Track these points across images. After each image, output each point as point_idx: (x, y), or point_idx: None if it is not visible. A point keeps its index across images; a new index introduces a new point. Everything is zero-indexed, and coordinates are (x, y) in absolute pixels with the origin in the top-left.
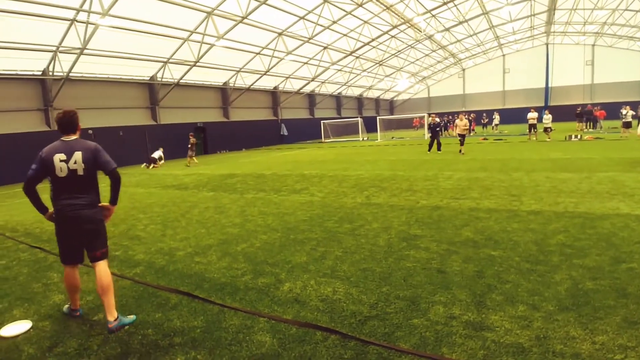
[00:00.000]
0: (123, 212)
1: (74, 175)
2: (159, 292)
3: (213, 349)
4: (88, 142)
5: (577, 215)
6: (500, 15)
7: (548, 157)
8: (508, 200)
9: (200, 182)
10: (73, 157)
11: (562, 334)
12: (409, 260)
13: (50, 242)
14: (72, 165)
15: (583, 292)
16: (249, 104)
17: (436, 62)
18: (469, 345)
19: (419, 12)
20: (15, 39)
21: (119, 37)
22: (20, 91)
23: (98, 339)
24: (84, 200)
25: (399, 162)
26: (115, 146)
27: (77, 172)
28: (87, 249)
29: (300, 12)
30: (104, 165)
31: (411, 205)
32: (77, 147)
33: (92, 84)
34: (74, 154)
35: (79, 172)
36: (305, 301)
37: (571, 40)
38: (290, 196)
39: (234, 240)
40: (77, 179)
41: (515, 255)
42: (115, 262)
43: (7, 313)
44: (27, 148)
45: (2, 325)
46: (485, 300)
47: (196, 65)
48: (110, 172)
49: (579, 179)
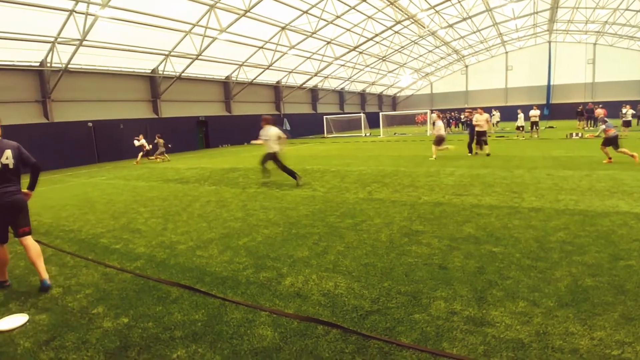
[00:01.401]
0: (124, 206)
1: (6, 169)
2: (159, 286)
3: (214, 343)
4: (11, 141)
5: (578, 212)
6: (503, 12)
7: (549, 155)
8: (509, 197)
9: (202, 176)
10: (4, 154)
11: (561, 330)
12: (410, 255)
13: (48, 235)
14: (5, 161)
15: (582, 289)
16: (252, 98)
17: (439, 58)
18: (470, 340)
19: (423, 7)
20: (12, 29)
21: (119, 28)
22: (17, 82)
23: (97, 332)
24: (15, 188)
25: (402, 158)
26: (115, 139)
27: (9, 166)
28: (18, 226)
29: (304, 6)
30: (27, 159)
31: (413, 201)
32: (6, 145)
33: (92, 76)
34: (5, 152)
35: (10, 166)
36: (307, 295)
37: (573, 38)
38: (293, 191)
39: (236, 234)
40: (9, 171)
41: (516, 252)
42: (115, 256)
43: (3, 307)
44: (24, 140)
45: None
46: (486, 296)
47: (198, 58)
48: (32, 164)
49: (580, 177)
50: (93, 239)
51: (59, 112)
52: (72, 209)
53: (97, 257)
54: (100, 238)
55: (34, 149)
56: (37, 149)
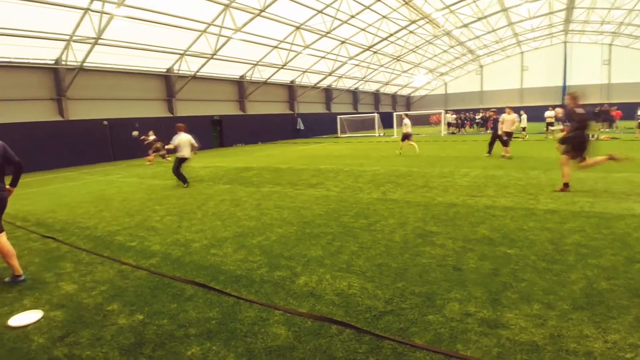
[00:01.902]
0: (139, 204)
1: None
2: (174, 283)
3: (228, 340)
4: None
5: (593, 215)
6: (519, 12)
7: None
8: (525, 199)
9: (217, 174)
10: None
11: (575, 333)
12: (424, 256)
13: (63, 232)
14: None
15: (597, 292)
16: (266, 98)
17: (454, 58)
18: (484, 342)
19: (438, 7)
20: (28, 27)
21: (135, 27)
22: (33, 80)
23: (112, 329)
24: (2, 184)
25: (415, 158)
26: (131, 137)
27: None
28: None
29: (319, 6)
30: (11, 157)
31: (427, 201)
32: None
33: (107, 75)
34: None
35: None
36: (320, 295)
37: (589, 39)
38: (306, 190)
39: (250, 233)
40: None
41: (531, 254)
42: (131, 253)
43: (17, 302)
44: (40, 137)
45: (12, 314)
46: (501, 298)
47: (213, 58)
48: (16, 162)
49: (595, 179)
50: (109, 236)
51: (74, 110)
52: (87, 206)
53: (113, 254)
54: (115, 235)
55: (50, 146)
56: (53, 146)
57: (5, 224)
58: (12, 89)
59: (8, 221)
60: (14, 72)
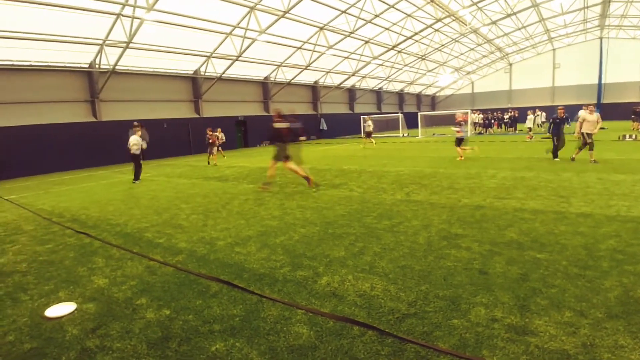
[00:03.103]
0: (167, 202)
1: None
2: (200, 280)
3: (251, 338)
4: None
5: (630, 219)
6: (551, 7)
7: (600, 158)
8: (556, 202)
9: (241, 174)
10: None
11: (610, 343)
12: (449, 259)
13: (95, 228)
14: None
15: (634, 300)
16: (289, 98)
17: (481, 56)
18: (511, 349)
19: (465, 4)
20: (64, 32)
21: (163, 31)
22: (68, 83)
23: (140, 322)
24: None
25: (440, 159)
26: (159, 137)
27: None
28: None
29: (342, 6)
30: None
31: (452, 203)
32: None
33: (137, 77)
34: None
35: None
36: (342, 296)
37: (627, 34)
38: (329, 191)
39: (273, 232)
40: None
41: (562, 259)
42: (158, 250)
43: (53, 295)
44: (74, 137)
45: (48, 306)
46: (530, 304)
47: (238, 59)
48: None
49: (633, 182)
50: (138, 233)
51: (107, 111)
52: (118, 204)
53: (142, 250)
54: (144, 232)
55: (84, 146)
56: (86, 146)
57: (42, 220)
58: (49, 91)
59: (46, 217)
60: (51, 75)
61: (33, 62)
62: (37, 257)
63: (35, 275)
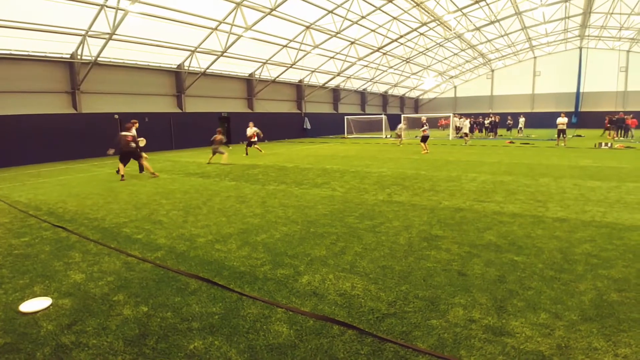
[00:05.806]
0: (146, 197)
1: None
2: (179, 277)
3: (230, 336)
4: None
5: (605, 225)
6: (533, 16)
7: (577, 164)
8: (533, 206)
9: (223, 171)
10: None
11: (584, 345)
12: (429, 260)
13: (72, 222)
14: None
15: (607, 304)
16: (274, 96)
17: (465, 61)
18: (488, 349)
19: (450, 10)
20: (46, 21)
21: (147, 24)
22: (48, 73)
23: (117, 319)
24: None
25: (422, 161)
26: (141, 132)
27: None
28: None
29: (329, 6)
30: None
31: (433, 205)
32: None
33: (120, 70)
34: None
35: None
36: (323, 295)
37: (605, 45)
38: (312, 190)
39: (254, 230)
40: None
41: (538, 262)
42: (137, 245)
43: (28, 289)
44: (53, 129)
45: (23, 300)
46: (506, 305)
47: (223, 55)
48: None
49: (608, 188)
50: (116, 228)
51: (87, 103)
52: (96, 197)
53: (120, 245)
54: (123, 227)
55: (63, 138)
56: (66, 138)
57: (18, 213)
58: (28, 81)
59: (22, 210)
60: (30, 65)
61: (13, 51)
62: (13, 251)
63: (10, 269)
